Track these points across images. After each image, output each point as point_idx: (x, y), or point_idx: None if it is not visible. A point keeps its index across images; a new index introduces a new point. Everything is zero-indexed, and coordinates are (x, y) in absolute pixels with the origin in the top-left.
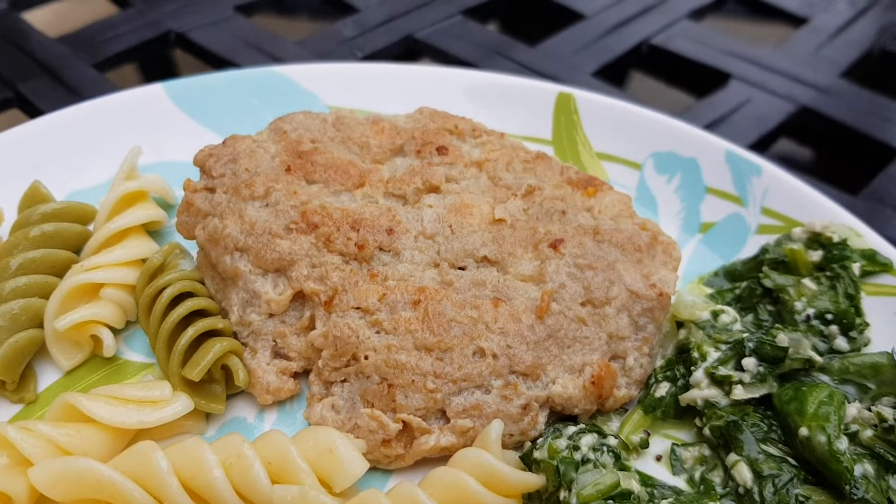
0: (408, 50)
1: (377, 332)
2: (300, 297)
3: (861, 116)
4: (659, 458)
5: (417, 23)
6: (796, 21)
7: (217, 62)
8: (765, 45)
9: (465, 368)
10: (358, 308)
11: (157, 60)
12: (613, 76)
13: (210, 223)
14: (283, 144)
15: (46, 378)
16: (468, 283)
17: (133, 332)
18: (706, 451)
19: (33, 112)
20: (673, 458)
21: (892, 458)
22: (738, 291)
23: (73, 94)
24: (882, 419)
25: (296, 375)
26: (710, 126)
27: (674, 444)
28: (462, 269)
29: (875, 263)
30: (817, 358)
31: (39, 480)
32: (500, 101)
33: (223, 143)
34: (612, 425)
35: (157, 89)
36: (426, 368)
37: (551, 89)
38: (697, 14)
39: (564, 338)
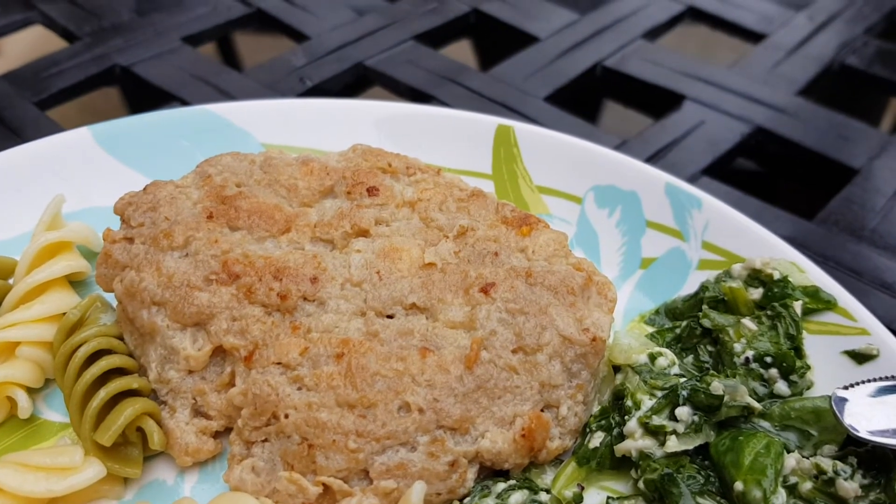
0: (358, 77)
1: (298, 389)
2: (220, 352)
3: (819, 136)
4: None
5: (368, 50)
6: (754, 37)
7: (161, 96)
8: (721, 63)
9: (389, 425)
10: (279, 363)
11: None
12: (566, 101)
13: (127, 276)
14: (206, 189)
15: None
16: (394, 333)
17: (53, 391)
18: None
19: None
20: None
21: None
22: (678, 331)
23: (14, 134)
24: (821, 471)
25: (216, 435)
26: (663, 150)
27: (609, 497)
28: (390, 317)
29: (818, 301)
30: (755, 405)
31: None
32: (440, 134)
33: (144, 189)
34: (547, 478)
35: (82, 133)
36: (348, 427)
37: (490, 122)
38: (653, 34)
39: (494, 388)
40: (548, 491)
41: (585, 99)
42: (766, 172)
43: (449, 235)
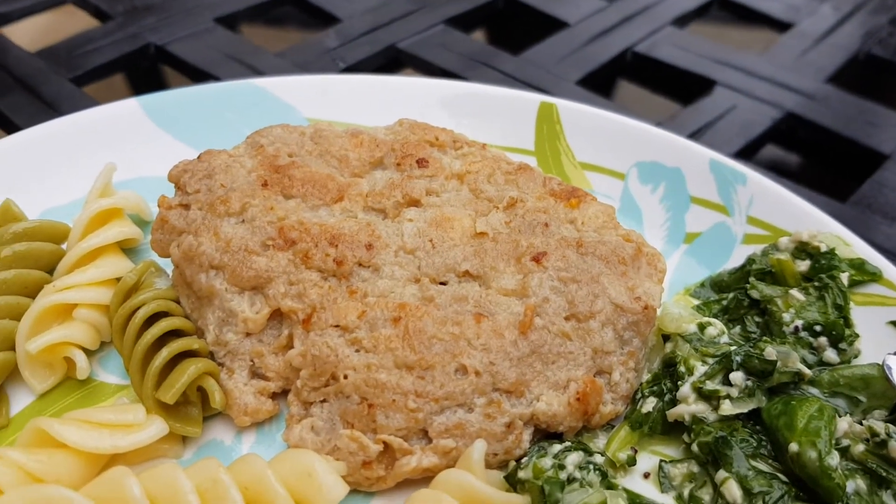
0: (390, 60)
1: (356, 351)
2: (277, 316)
3: (847, 122)
4: (647, 476)
5: (400, 33)
6: (781, 26)
7: (197, 75)
8: (749, 51)
9: (447, 387)
10: (337, 326)
11: (145, 73)
12: (598, 85)
13: (185, 241)
14: (259, 159)
15: (19, 402)
16: (449, 299)
17: (108, 353)
18: (695, 468)
19: (10, 128)
20: (661, 476)
21: (884, 474)
22: (724, 303)
23: (51, 108)
24: (874, 433)
25: (274, 396)
26: (696, 134)
27: (662, 460)
28: (443, 284)
29: (864, 273)
30: (806, 371)
31: None
32: (482, 112)
33: (198, 158)
34: (598, 442)
35: (131, 104)
36: (407, 387)
37: (533, 99)
38: (681, 21)
39: (548, 353)
40: (602, 453)
41: (600, 83)
42: (798, 159)
43: (499, 206)
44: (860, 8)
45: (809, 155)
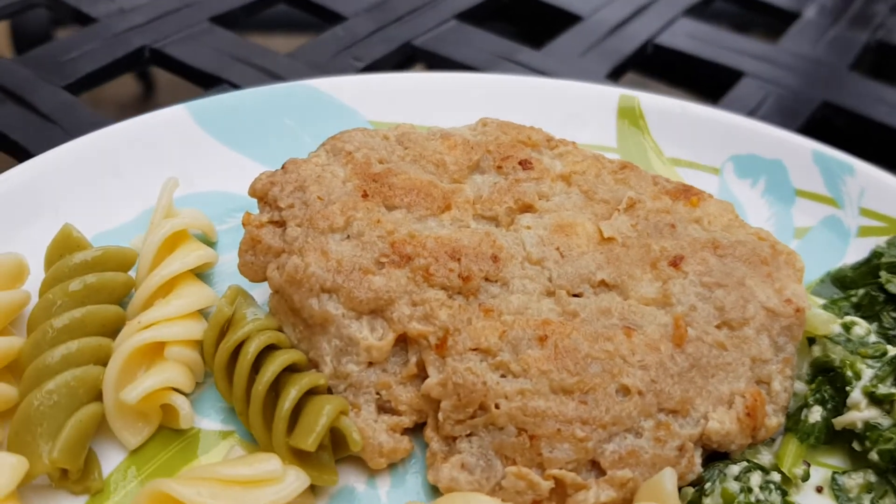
0: (407, 57)
1: (503, 376)
2: (401, 341)
3: (879, 108)
4: (820, 490)
5: (412, 29)
6: (788, 17)
7: (204, 79)
8: (764, 41)
9: (612, 410)
10: (476, 349)
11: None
12: (618, 78)
13: (288, 262)
14: (350, 167)
15: (109, 460)
16: (593, 312)
17: (200, 394)
18: (872, 478)
19: (4, 143)
20: (835, 488)
21: None
22: (855, 299)
23: (49, 121)
24: None
25: (405, 431)
26: None
27: (834, 472)
28: (578, 295)
29: None
30: None
31: None
32: (556, 107)
33: (283, 168)
34: (762, 458)
35: (179, 111)
36: (570, 414)
37: (612, 92)
38: (693, 11)
39: (707, 366)
40: (777, 470)
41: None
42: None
43: (619, 209)
44: None
45: (843, 142)
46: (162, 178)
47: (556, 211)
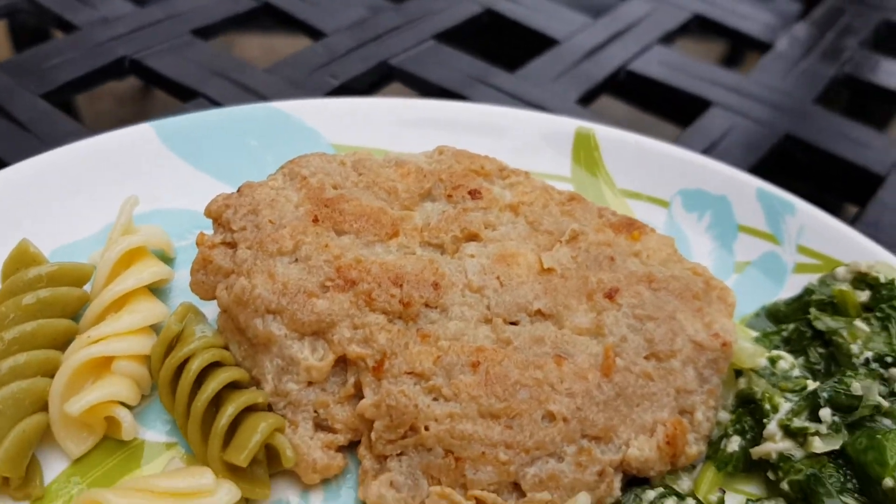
0: (383, 76)
1: (435, 400)
2: (341, 363)
3: (840, 142)
4: None
5: (390, 48)
6: (760, 46)
7: (181, 92)
8: (736, 71)
9: (536, 436)
10: (411, 373)
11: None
12: (592, 104)
13: (235, 283)
14: (304, 192)
15: (51, 467)
16: (527, 340)
17: (146, 407)
18: None
19: None
20: None
21: None
22: (785, 334)
23: (24, 129)
24: None
25: (339, 449)
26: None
27: (748, 500)
28: (514, 323)
29: None
30: (885, 403)
31: None
32: (514, 137)
33: (238, 191)
34: (682, 484)
35: (145, 129)
36: (496, 438)
37: (569, 124)
38: (667, 38)
39: (633, 395)
40: (693, 496)
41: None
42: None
43: (562, 240)
44: (830, 28)
45: (804, 177)
46: (125, 194)
47: (500, 241)
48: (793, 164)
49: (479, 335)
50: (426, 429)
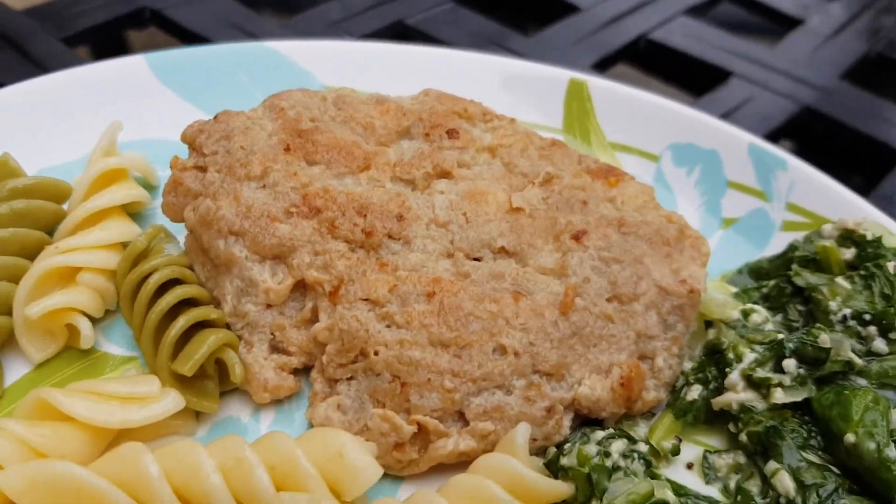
0: (398, 36)
1: (388, 326)
2: (301, 287)
3: (862, 118)
4: (690, 466)
5: (407, 8)
6: (791, 22)
7: (195, 41)
8: (762, 44)
9: (484, 367)
10: (366, 300)
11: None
12: (607, 70)
13: (201, 204)
14: (280, 122)
15: (14, 371)
16: (486, 275)
17: (112, 322)
18: (741, 459)
19: None
20: (705, 466)
21: None
22: (765, 290)
23: (40, 68)
24: None
25: (295, 372)
26: None
27: (706, 451)
28: (477, 259)
29: None
30: (857, 360)
31: (10, 486)
32: (508, 86)
33: (215, 118)
34: (639, 430)
35: (138, 61)
36: (443, 366)
37: (562, 75)
38: (694, 11)
39: (590, 336)
40: (646, 442)
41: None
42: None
43: (535, 182)
44: (868, 7)
45: (823, 150)
46: (118, 120)
47: (472, 179)
48: (808, 137)
49: (438, 268)
50: (375, 353)
